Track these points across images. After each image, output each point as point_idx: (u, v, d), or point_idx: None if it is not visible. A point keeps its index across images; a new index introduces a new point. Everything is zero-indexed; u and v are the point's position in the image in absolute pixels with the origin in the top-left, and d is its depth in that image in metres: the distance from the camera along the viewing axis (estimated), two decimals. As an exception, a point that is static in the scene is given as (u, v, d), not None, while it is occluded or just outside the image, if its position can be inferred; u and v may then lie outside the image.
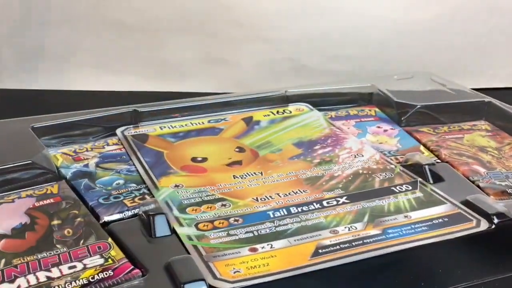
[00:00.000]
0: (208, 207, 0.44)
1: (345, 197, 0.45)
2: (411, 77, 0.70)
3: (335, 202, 0.45)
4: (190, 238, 0.40)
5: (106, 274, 0.37)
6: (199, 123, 0.59)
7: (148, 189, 0.47)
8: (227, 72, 0.81)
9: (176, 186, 0.47)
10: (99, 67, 0.79)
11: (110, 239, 0.40)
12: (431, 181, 0.48)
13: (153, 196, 0.45)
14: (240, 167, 0.51)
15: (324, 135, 0.57)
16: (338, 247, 0.39)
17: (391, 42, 0.80)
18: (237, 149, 0.54)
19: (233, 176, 0.49)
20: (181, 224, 0.42)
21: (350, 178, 0.49)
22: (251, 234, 0.41)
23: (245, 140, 0.56)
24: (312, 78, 0.80)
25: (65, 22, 0.76)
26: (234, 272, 0.37)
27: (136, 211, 0.44)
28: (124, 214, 0.44)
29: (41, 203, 0.45)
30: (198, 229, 0.41)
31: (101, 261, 0.38)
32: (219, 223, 0.42)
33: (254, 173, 0.50)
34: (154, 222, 0.41)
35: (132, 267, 0.37)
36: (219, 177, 0.49)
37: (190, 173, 0.50)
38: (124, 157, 0.53)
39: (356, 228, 0.41)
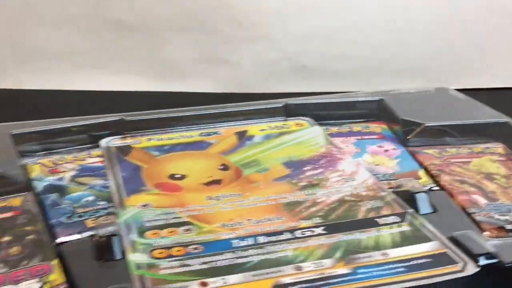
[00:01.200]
0: (170, 232, 0.41)
1: (322, 228, 0.41)
2: (429, 91, 0.65)
3: (309, 233, 0.41)
4: (139, 267, 0.37)
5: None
6: (189, 136, 0.56)
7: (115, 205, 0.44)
8: (227, 72, 0.80)
9: (144, 205, 0.44)
10: (99, 67, 0.78)
11: (55, 261, 0.37)
12: (421, 212, 0.43)
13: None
14: (218, 187, 0.47)
15: (319, 154, 0.53)
16: (297, 286, 0.35)
17: (391, 42, 0.79)
18: (221, 167, 0.51)
19: (208, 197, 0.46)
20: (135, 250, 0.39)
21: (333, 206, 0.44)
22: (206, 266, 0.37)
23: (232, 157, 0.52)
24: (312, 78, 0.79)
25: (65, 22, 0.76)
26: (174, 310, 0.33)
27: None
28: (82, 235, 0.41)
29: (-2, 216, 0.42)
30: (151, 256, 0.38)
31: (38, 285, 0.35)
32: (177, 250, 0.39)
33: (231, 194, 0.46)
34: (104, 245, 0.39)
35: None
36: (192, 197, 0.46)
37: (163, 192, 0.47)
38: (103, 171, 0.50)
39: (324, 265, 0.37)
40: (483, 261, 0.37)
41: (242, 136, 0.56)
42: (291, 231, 0.41)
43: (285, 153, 0.53)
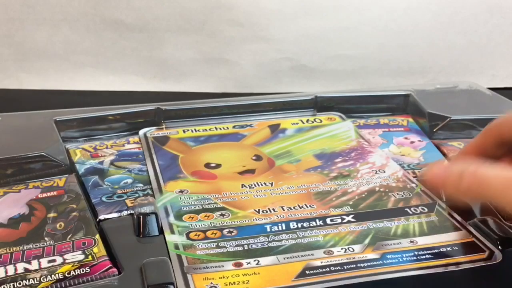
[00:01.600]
0: (205, 216, 0.43)
1: (351, 216, 0.43)
2: (455, 87, 0.66)
3: (339, 220, 0.42)
4: (176, 247, 0.39)
5: (82, 270, 0.36)
6: (223, 128, 0.58)
7: (153, 191, 0.46)
8: (227, 72, 0.80)
9: (181, 191, 0.46)
10: (99, 67, 0.79)
11: (97, 236, 0.40)
12: (443, 198, 0.45)
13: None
14: (252, 176, 0.49)
15: (350, 147, 0.54)
16: (327, 269, 0.37)
17: (391, 42, 0.79)
18: (254, 157, 0.52)
19: (242, 185, 0.47)
20: (172, 232, 0.40)
21: (363, 196, 0.46)
22: (240, 248, 0.39)
23: (265, 148, 0.54)
24: (312, 78, 0.80)
25: (65, 22, 0.77)
26: (210, 287, 0.35)
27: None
28: (122, 214, 0.43)
29: (44, 195, 0.45)
30: (188, 238, 0.40)
31: (81, 257, 0.37)
32: (212, 233, 0.41)
33: (264, 183, 0.48)
34: (142, 221, 0.41)
35: (110, 265, 0.37)
36: (227, 185, 0.47)
37: (199, 179, 0.48)
38: (140, 156, 0.52)
39: (354, 250, 0.39)
40: (503, 245, 0.38)
41: (275, 129, 0.58)
42: (322, 218, 0.42)
43: (317, 145, 0.55)
